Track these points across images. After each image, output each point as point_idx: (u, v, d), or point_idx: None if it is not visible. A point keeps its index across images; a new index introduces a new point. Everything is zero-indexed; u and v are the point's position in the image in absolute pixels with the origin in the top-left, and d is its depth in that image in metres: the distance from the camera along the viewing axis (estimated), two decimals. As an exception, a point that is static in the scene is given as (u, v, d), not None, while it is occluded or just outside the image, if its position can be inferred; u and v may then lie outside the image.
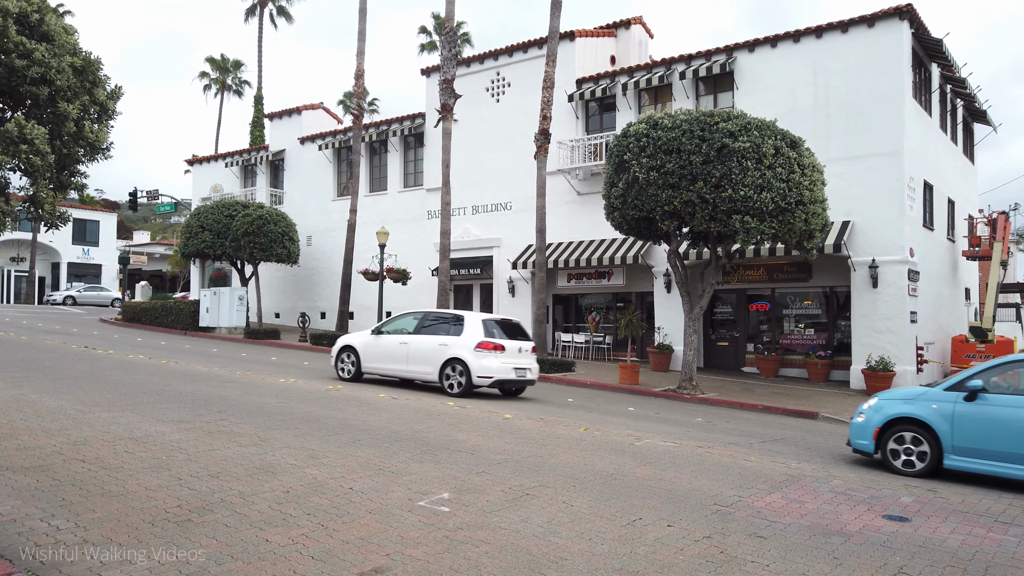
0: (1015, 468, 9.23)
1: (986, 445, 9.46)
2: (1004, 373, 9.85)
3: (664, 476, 8.39)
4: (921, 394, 10.36)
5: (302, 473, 7.58)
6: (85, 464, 7.45)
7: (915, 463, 9.93)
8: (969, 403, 9.71)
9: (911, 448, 10.02)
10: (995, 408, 9.49)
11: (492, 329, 15.57)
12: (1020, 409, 9.29)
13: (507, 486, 7.53)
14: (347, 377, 16.51)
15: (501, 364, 15.04)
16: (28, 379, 12.97)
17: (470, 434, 10.23)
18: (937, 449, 9.81)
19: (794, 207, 16.81)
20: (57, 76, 19.75)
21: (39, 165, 16.31)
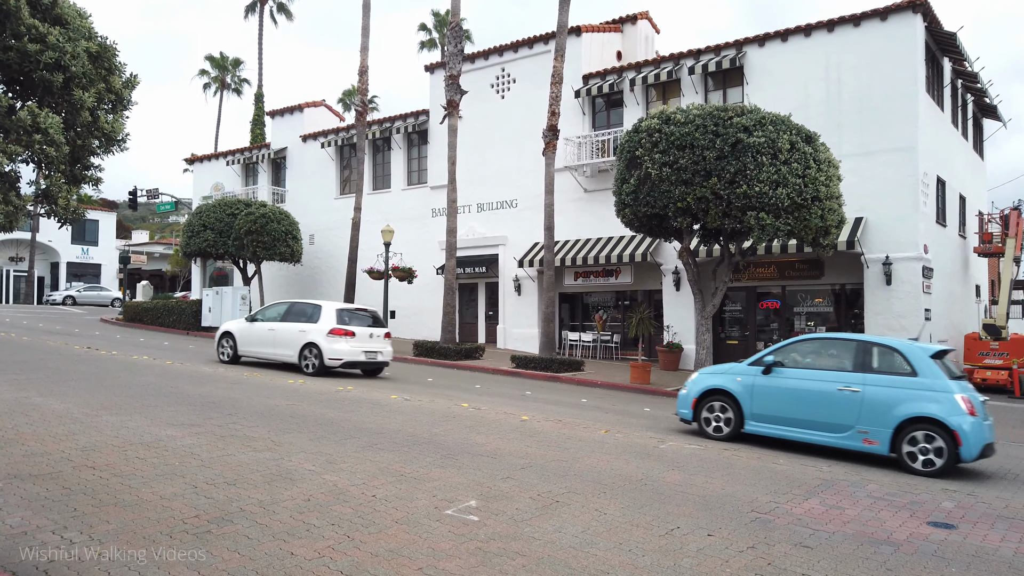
0: (795, 431, 10.79)
1: (776, 412, 11.03)
2: (794, 351, 11.47)
3: (695, 481, 8.10)
4: (730, 369, 12.05)
5: (321, 480, 7.28)
6: (96, 471, 7.16)
7: (722, 428, 11.44)
8: (766, 376, 11.27)
9: (719, 416, 11.55)
10: (784, 380, 11.08)
11: (345, 317, 17.38)
12: (801, 380, 10.93)
13: (535, 493, 7.24)
14: (226, 360, 18.26)
15: (351, 348, 16.93)
16: (32, 381, 12.66)
17: (489, 437, 9.93)
18: (740, 416, 11.36)
19: (810, 203, 16.53)
20: (72, 62, 18.35)
21: (54, 157, 14.80)
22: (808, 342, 11.79)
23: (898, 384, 10.24)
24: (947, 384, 10.06)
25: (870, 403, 10.26)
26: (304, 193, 35.56)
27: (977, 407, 10.04)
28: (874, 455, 10.41)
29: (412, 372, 19.51)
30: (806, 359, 11.38)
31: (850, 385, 10.46)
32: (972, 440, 9.69)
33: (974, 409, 9.95)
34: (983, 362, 22.63)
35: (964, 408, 9.88)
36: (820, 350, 11.54)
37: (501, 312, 28.45)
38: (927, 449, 9.88)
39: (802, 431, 10.77)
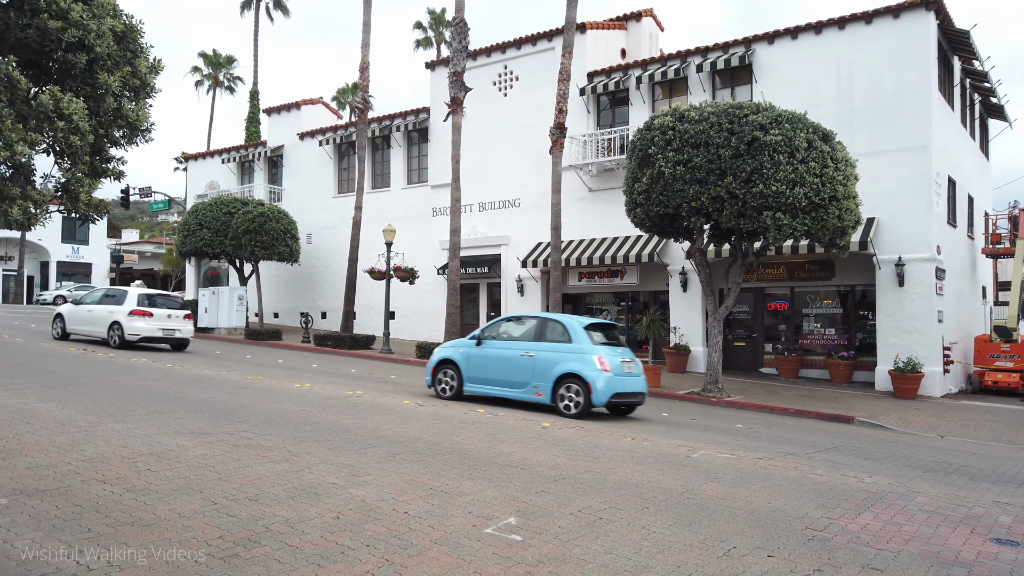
0: (491, 388, 13.80)
1: (482, 375, 13.89)
2: (499, 327, 14.40)
3: (738, 494, 7.70)
4: (457, 343, 14.72)
5: (348, 494, 6.84)
6: (106, 485, 6.70)
7: (447, 391, 14.23)
8: (478, 347, 14.12)
9: (448, 381, 14.28)
10: (488, 350, 13.97)
11: (145, 301, 20.49)
12: (499, 350, 13.84)
13: (575, 508, 6.82)
14: (58, 336, 21.36)
15: (148, 325, 20.16)
16: (29, 386, 12.17)
17: (513, 446, 9.51)
18: (461, 380, 14.13)
19: (827, 203, 16.17)
20: (96, 41, 16.19)
21: (78, 146, 12.72)
22: (508, 321, 14.65)
23: (558, 349, 13.18)
24: (590, 348, 12.94)
25: (540, 365, 13.20)
26: (301, 192, 35.05)
27: (612, 365, 12.87)
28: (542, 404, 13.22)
29: (417, 375, 19.06)
30: (506, 333, 14.23)
31: (528, 352, 13.42)
32: (601, 390, 12.64)
33: (607, 367, 12.78)
34: (994, 364, 22.37)
35: (598, 366, 12.75)
36: (516, 326, 14.33)
37: (504, 313, 28.01)
38: (572, 397, 12.79)
39: (499, 388, 13.71)
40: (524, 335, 13.87)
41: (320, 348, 24.97)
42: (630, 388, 13.23)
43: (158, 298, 21.00)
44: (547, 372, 13.02)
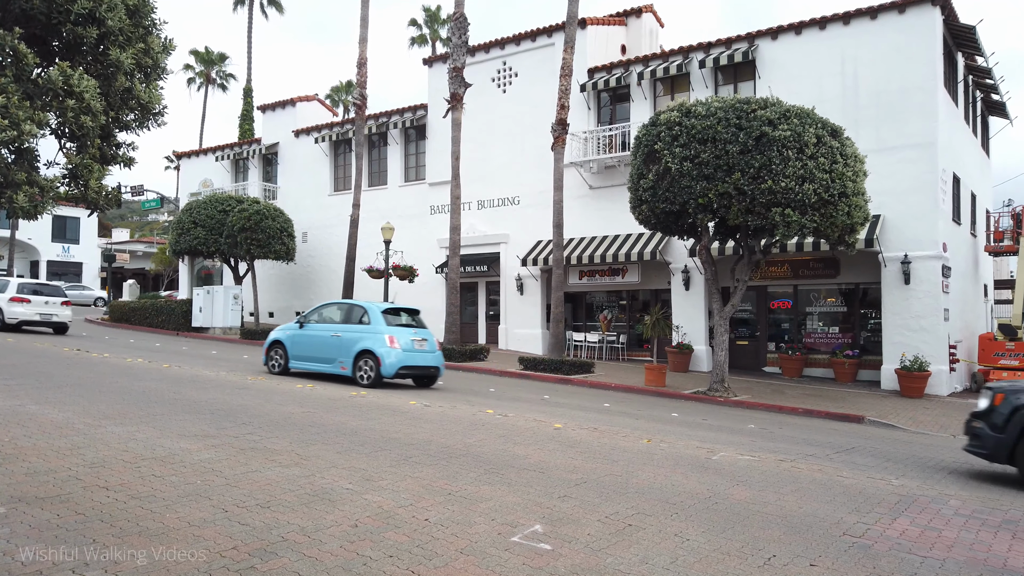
0: (310, 364, 16.05)
1: (303, 353, 16.12)
2: (319, 312, 16.75)
3: (767, 499, 7.41)
4: (286, 327, 16.92)
5: (363, 500, 6.53)
6: (110, 492, 6.37)
7: (276, 367, 16.41)
8: (300, 329, 16.32)
9: (276, 359, 16.46)
10: (308, 331, 16.26)
11: (24, 289, 23.29)
12: (316, 331, 16.16)
13: (601, 514, 6.52)
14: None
15: (26, 310, 23.00)
16: (23, 387, 11.79)
17: (528, 448, 9.21)
18: (287, 357, 16.34)
19: (837, 199, 15.93)
20: (108, 15, 14.53)
21: (89, 127, 10.92)
22: (326, 306, 16.95)
23: (359, 331, 15.50)
24: (384, 329, 15.29)
25: (344, 343, 15.50)
26: (296, 190, 34.65)
27: (403, 343, 15.22)
28: (345, 376, 15.56)
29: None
30: (322, 317, 16.49)
31: (336, 332, 15.77)
32: (389, 364, 14.94)
33: (397, 344, 15.15)
34: (999, 363, 22.15)
35: (388, 344, 15.09)
36: (331, 311, 16.65)
37: (503, 312, 27.73)
38: (367, 370, 15.13)
39: (316, 364, 15.90)
40: (336, 319, 16.36)
41: (317, 348, 24.58)
42: (419, 363, 15.52)
43: (39, 287, 24.22)
44: (349, 349, 15.45)
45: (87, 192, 11.25)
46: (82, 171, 10.68)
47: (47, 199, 10.25)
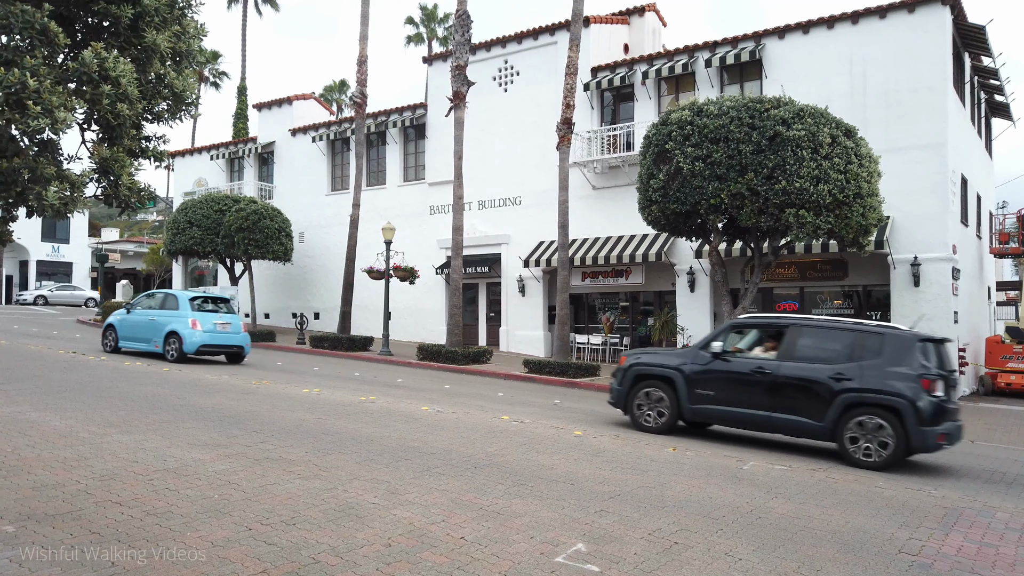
0: (134, 344, 18.55)
1: (129, 334, 18.65)
2: (143, 300, 19.33)
3: (810, 512, 7.10)
4: (118, 312, 19.47)
5: (392, 516, 6.18)
6: (123, 508, 6.00)
7: (108, 346, 18.92)
8: (127, 315, 18.92)
9: (110, 339, 18.95)
10: (132, 317, 18.81)
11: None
12: (139, 316, 18.67)
13: (644, 531, 6.19)
14: None
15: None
16: (21, 392, 11.38)
17: (553, 457, 8.87)
18: (117, 338, 18.80)
19: (852, 200, 15.65)
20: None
21: (126, 116, 9.39)
22: (150, 295, 19.66)
23: (170, 315, 18.04)
24: (188, 313, 17.87)
25: (157, 326, 18.08)
26: (293, 189, 34.20)
27: (205, 326, 17.82)
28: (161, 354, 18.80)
29: (423, 379, 18.39)
30: (146, 304, 19.08)
31: (152, 317, 18.36)
32: (189, 342, 17.52)
33: (199, 326, 17.66)
34: (1006, 366, 22.00)
35: (191, 326, 17.63)
36: (152, 299, 19.22)
37: (504, 314, 27.39)
38: (173, 347, 17.75)
39: (138, 344, 18.43)
40: (155, 305, 18.80)
41: (317, 350, 24.20)
42: (221, 342, 18.21)
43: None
44: (161, 331, 17.92)
45: (118, 189, 9.40)
46: (113, 166, 9.05)
47: (78, 196, 8.72)
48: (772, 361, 10.74)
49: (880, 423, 9.68)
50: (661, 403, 11.52)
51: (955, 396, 10.61)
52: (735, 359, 11.12)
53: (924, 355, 9.99)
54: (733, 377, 10.98)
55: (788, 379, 10.47)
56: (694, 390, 11.21)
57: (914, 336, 10.21)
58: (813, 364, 10.39)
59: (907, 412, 9.53)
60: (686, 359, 11.60)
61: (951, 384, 10.27)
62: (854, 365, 10.08)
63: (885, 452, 9.66)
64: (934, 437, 9.61)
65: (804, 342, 10.74)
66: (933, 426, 9.60)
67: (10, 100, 4.21)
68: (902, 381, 9.70)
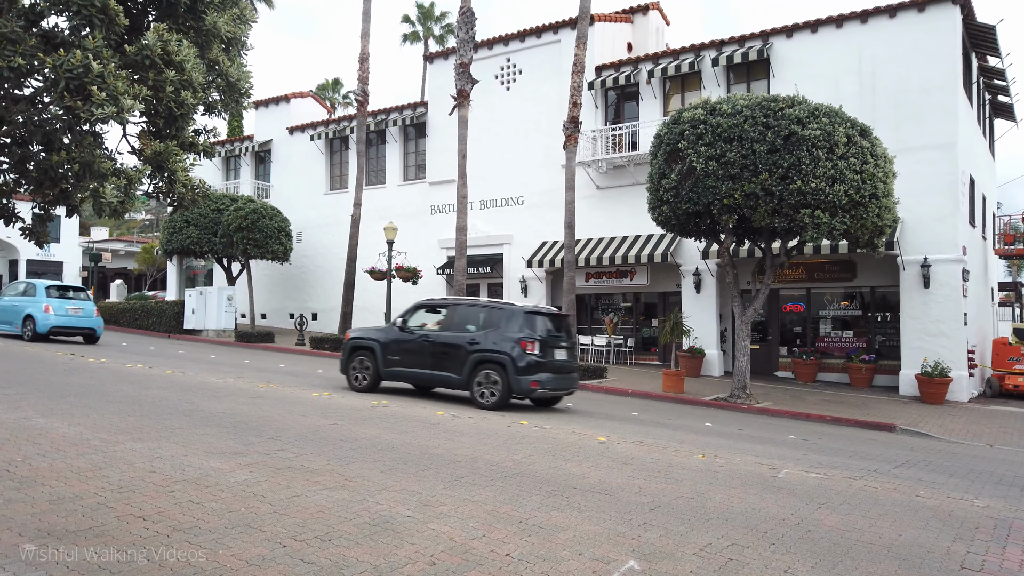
0: (2, 327, 21.43)
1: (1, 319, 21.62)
2: (11, 288, 22.23)
3: (859, 524, 6.85)
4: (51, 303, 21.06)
5: (430, 531, 5.88)
6: (147, 523, 5.69)
7: (29, 334, 20.83)
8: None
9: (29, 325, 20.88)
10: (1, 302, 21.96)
11: None
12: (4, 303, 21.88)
13: (695, 546, 5.92)
14: None
15: None
16: (24, 396, 11.02)
17: (582, 466, 8.59)
18: (35, 324, 20.61)
19: (867, 201, 15.44)
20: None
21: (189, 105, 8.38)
22: (18, 283, 22.41)
23: (28, 301, 20.98)
24: (43, 300, 20.70)
25: (18, 310, 21.05)
26: (290, 188, 33.81)
27: (57, 311, 20.69)
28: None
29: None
30: (12, 292, 22.05)
31: (15, 304, 21.17)
32: (42, 324, 20.49)
33: (51, 311, 20.56)
34: (1014, 368, 21.86)
35: (44, 310, 20.43)
36: (19, 287, 22.00)
37: (506, 314, 27.05)
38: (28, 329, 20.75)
39: (4, 327, 21.27)
40: (18, 293, 21.82)
41: (318, 351, 23.84)
42: (73, 324, 21.10)
43: None
44: (20, 314, 20.99)
45: (174, 186, 8.26)
46: (168, 160, 7.88)
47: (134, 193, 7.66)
48: (434, 332, 14.01)
49: (493, 374, 13.04)
50: (366, 368, 14.47)
51: (560, 355, 13.67)
52: (414, 331, 14.18)
53: (529, 324, 13.26)
54: (411, 345, 14.04)
55: (442, 344, 13.72)
56: (387, 356, 14.22)
57: (522, 309, 13.50)
58: (459, 333, 13.68)
59: (508, 365, 12.87)
60: (384, 333, 14.60)
61: (549, 345, 13.34)
62: (482, 332, 13.41)
63: (496, 395, 12.97)
64: (528, 384, 12.90)
65: (457, 317, 14.03)
66: (528, 375, 12.87)
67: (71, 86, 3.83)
68: (508, 343, 13.02)
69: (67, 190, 4.70)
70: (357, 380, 14.54)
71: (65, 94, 3.95)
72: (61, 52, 3.73)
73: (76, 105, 4.00)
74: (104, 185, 4.31)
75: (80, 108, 4.05)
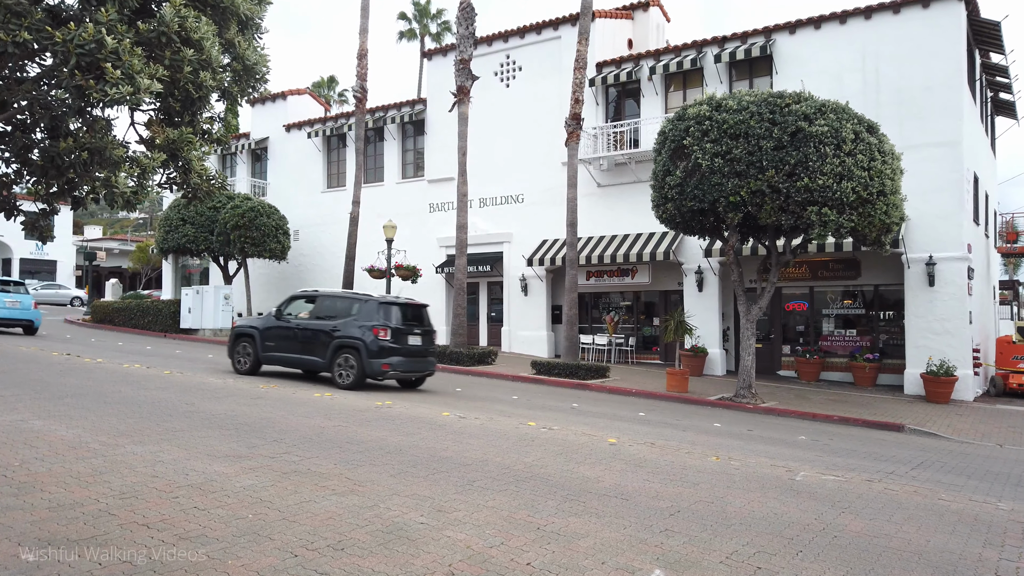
0: None
1: None
2: None
3: (885, 530, 6.65)
4: None
5: (446, 538, 5.67)
6: (152, 531, 5.46)
7: None
8: None
9: None
10: None
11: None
12: None
13: (720, 553, 5.71)
14: None
15: None
16: (20, 398, 10.77)
17: (594, 468, 8.38)
18: None
19: (875, 198, 15.26)
20: None
21: (208, 86, 7.50)
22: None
23: None
24: None
25: None
26: (287, 186, 33.51)
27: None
28: None
29: (432, 381, 17.82)
30: None
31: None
32: None
33: None
34: (1017, 366, 21.71)
35: None
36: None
37: (506, 314, 26.87)
38: None
39: None
40: None
41: (316, 351, 23.55)
42: (11, 316, 22.50)
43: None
44: None
45: (189, 176, 7.39)
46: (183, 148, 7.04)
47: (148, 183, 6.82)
48: (304, 321, 15.48)
49: (351, 358, 14.55)
50: (248, 353, 15.98)
51: (414, 341, 15.11)
52: (288, 320, 15.67)
53: (383, 314, 14.76)
54: (285, 332, 15.58)
55: (311, 332, 15.23)
56: (265, 343, 15.74)
57: (378, 300, 14.96)
58: (325, 321, 15.16)
59: (362, 350, 14.40)
60: (263, 322, 16.11)
61: (403, 332, 14.81)
62: (343, 321, 14.92)
63: (352, 377, 14.48)
64: (379, 366, 14.41)
65: (324, 307, 15.54)
66: (380, 359, 14.41)
67: (82, 63, 3.48)
68: (363, 330, 14.55)
69: (73, 180, 4.39)
70: (240, 364, 15.99)
71: (76, 72, 3.65)
72: (71, 26, 3.37)
73: (88, 85, 3.70)
74: (116, 174, 4.00)
75: (92, 88, 3.75)
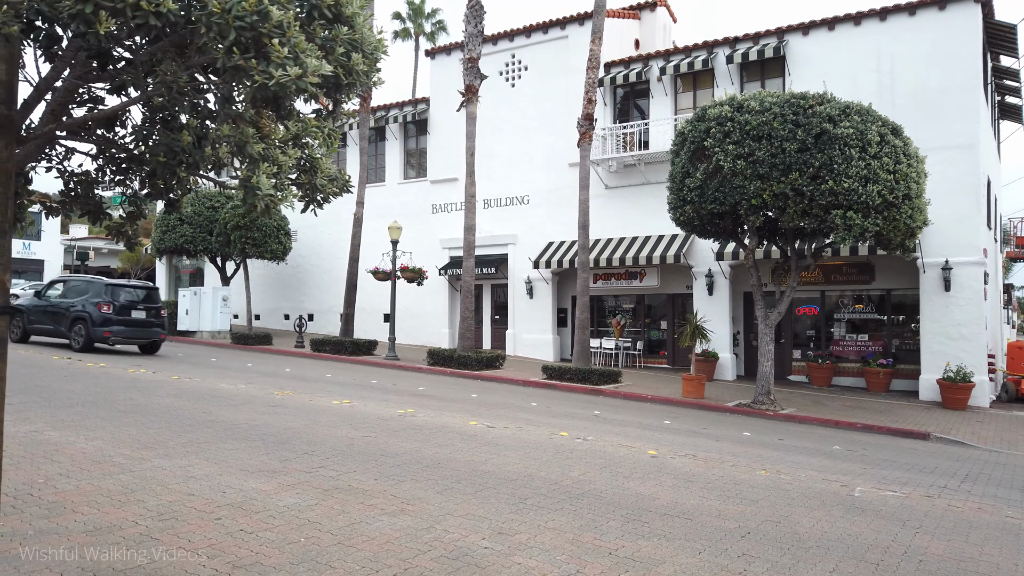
0: None
1: None
2: None
3: (968, 553, 6.32)
4: None
5: (516, 566, 5.28)
6: (202, 559, 5.05)
7: None
8: None
9: None
10: None
11: None
12: None
13: (810, 581, 5.35)
14: None
15: None
16: (29, 406, 10.29)
17: (645, 484, 8.01)
18: None
19: (900, 201, 14.98)
20: None
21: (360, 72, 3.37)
22: None
23: None
24: None
25: None
26: (285, 186, 32.88)
27: None
28: None
29: (444, 386, 17.42)
30: None
31: None
32: None
33: None
34: (1029, 372, 21.52)
35: None
36: None
37: (511, 316, 26.46)
38: None
39: None
40: None
41: (319, 354, 23.10)
42: None
43: None
44: None
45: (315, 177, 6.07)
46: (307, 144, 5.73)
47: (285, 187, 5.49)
48: (55, 300, 19.82)
49: (81, 328, 18.84)
50: (18, 326, 19.91)
51: (139, 315, 19.35)
52: (46, 300, 20.13)
53: (109, 293, 19.11)
54: (43, 309, 19.99)
55: (57, 309, 19.53)
56: (30, 317, 20.12)
57: (104, 282, 19.62)
58: (69, 300, 19.41)
59: (88, 320, 18.70)
60: (29, 301, 20.89)
61: (126, 308, 19.14)
62: (79, 299, 19.19)
63: (81, 342, 18.71)
64: (102, 333, 18.64)
65: (70, 289, 19.94)
66: (102, 328, 18.63)
67: (243, 38, 2.99)
68: (91, 306, 18.82)
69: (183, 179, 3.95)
70: (12, 335, 18.49)
71: (234, 50, 3.23)
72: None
73: (249, 65, 3.28)
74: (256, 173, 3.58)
75: (254, 69, 3.32)
